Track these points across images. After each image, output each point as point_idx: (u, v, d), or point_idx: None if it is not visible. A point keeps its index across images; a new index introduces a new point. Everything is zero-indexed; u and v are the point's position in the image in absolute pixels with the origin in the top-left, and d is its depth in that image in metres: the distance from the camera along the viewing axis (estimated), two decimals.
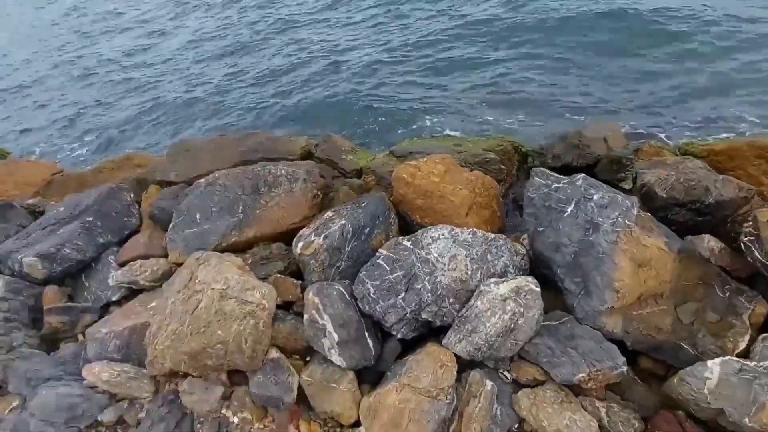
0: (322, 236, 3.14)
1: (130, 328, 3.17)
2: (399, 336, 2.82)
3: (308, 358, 3.09)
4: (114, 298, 3.73)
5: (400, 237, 3.12)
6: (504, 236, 3.01)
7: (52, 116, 9.76)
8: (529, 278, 2.73)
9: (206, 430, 2.72)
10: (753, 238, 2.63)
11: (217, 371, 2.86)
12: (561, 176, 3.02)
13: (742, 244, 2.72)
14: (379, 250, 3.05)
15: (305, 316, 2.89)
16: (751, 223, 2.70)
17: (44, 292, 3.78)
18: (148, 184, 5.12)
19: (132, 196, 4.71)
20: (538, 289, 2.67)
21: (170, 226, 4.06)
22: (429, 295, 2.73)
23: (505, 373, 2.70)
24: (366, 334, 2.87)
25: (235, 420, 2.78)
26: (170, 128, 7.55)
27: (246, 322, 2.73)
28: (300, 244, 3.30)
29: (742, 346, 2.63)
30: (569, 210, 2.83)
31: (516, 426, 2.61)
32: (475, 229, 2.96)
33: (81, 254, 3.94)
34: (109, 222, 4.27)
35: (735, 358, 2.46)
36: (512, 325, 2.55)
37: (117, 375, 2.89)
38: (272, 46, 9.91)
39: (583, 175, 2.95)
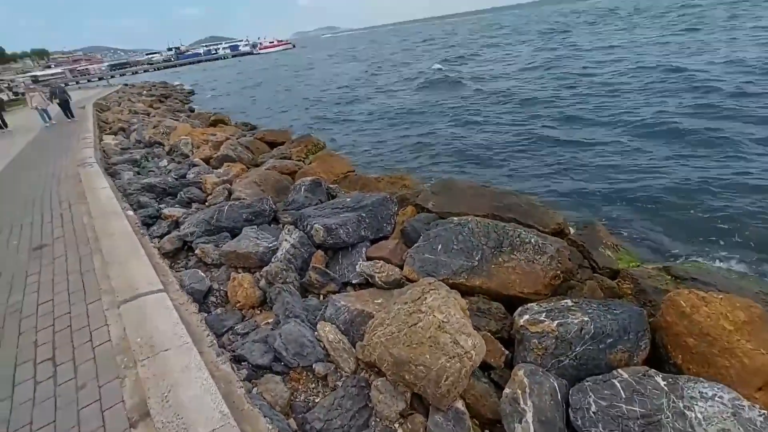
0: (557, 322, 2.93)
1: (359, 311, 3.74)
2: None
3: (487, 431, 2.93)
4: (354, 281, 4.49)
5: (652, 369, 2.59)
6: None
7: (362, 131, 12.94)
8: None
9: (378, 430, 2.91)
10: None
11: (408, 387, 3.03)
12: None
13: None
14: (619, 369, 2.61)
15: (506, 390, 2.75)
16: None
17: (315, 253, 4.92)
18: (408, 203, 6.02)
19: (396, 208, 5.63)
20: None
21: (415, 245, 4.64)
22: None
23: None
24: None
25: None
26: (443, 164, 8.77)
27: (453, 362, 2.81)
28: (525, 317, 3.18)
29: None
30: None
31: None
32: None
33: (348, 238, 4.94)
34: (374, 222, 5.21)
35: None
36: None
37: (338, 341, 3.46)
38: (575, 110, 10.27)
39: None
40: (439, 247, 4.39)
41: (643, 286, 3.54)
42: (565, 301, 3.27)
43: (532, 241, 3.98)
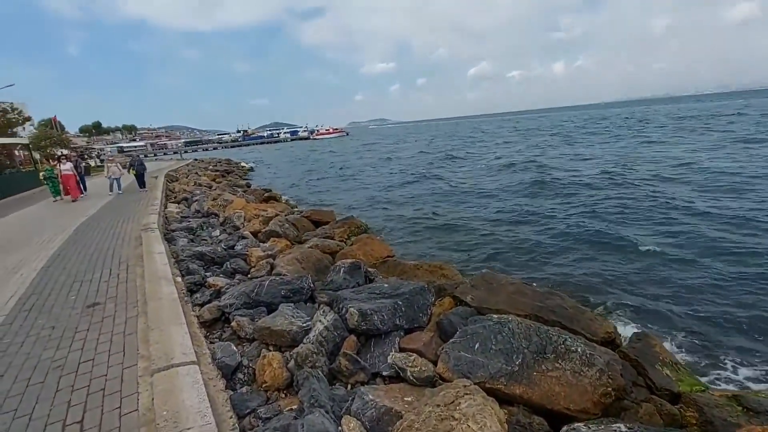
0: None
1: (387, 408, 3.52)
2: None
3: None
4: (384, 373, 4.29)
5: None
6: None
7: (403, 216, 13.33)
8: None
9: None
10: None
11: None
12: None
13: None
14: None
15: None
16: None
17: (348, 338, 4.83)
18: (446, 294, 5.90)
19: (433, 298, 5.54)
20: None
21: (451, 340, 4.45)
22: None
23: None
24: None
25: None
26: (484, 256, 8.70)
27: None
28: None
29: None
30: None
31: None
32: None
33: (382, 325, 4.84)
34: (409, 311, 5.11)
35: None
36: None
37: None
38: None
39: None
40: (477, 345, 4.18)
41: (709, 416, 3.09)
42: (618, 424, 2.92)
43: (579, 350, 3.71)
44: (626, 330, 4.83)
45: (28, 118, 35.72)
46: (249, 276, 7.09)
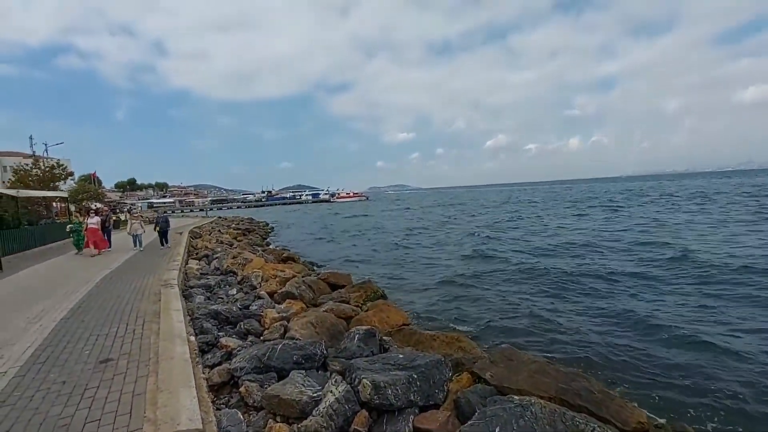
0: None
1: None
2: None
3: None
4: None
5: None
6: None
7: (421, 279, 13.16)
8: None
9: None
10: None
11: None
12: None
13: None
14: None
15: None
16: None
17: (359, 412, 4.58)
18: (464, 369, 5.62)
19: (450, 373, 5.28)
20: None
21: (469, 422, 4.16)
22: None
23: None
24: None
25: None
26: (503, 329, 8.36)
27: None
28: None
29: None
30: None
31: None
32: None
33: (395, 400, 4.60)
34: (425, 386, 4.87)
35: None
36: None
37: None
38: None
39: None
40: (497, 430, 3.90)
41: None
42: None
43: None
44: (658, 419, 4.42)
45: (71, 174, 38.35)
46: (262, 338, 6.98)
